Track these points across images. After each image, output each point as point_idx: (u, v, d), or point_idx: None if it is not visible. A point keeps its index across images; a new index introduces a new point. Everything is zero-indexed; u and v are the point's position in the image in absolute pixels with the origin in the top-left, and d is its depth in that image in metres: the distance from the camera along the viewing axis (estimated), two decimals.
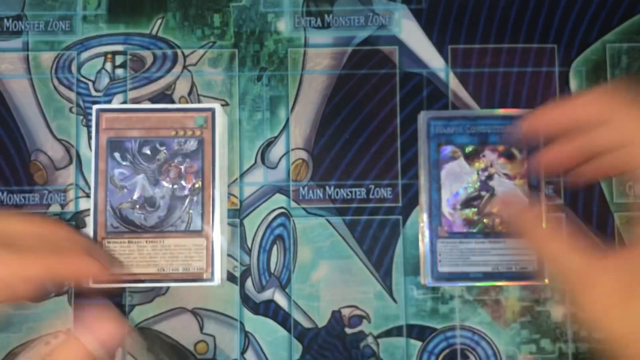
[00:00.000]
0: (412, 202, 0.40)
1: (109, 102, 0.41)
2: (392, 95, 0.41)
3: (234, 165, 0.40)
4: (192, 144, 0.36)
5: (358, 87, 0.41)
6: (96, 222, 0.36)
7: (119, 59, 0.41)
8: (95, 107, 0.37)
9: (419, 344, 0.39)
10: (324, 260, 0.40)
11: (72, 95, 0.41)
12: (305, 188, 0.40)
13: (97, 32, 0.41)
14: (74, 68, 0.41)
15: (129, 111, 0.37)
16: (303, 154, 0.40)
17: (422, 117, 0.38)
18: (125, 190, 0.36)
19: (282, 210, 0.40)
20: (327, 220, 0.40)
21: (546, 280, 0.37)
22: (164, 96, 0.41)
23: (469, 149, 0.37)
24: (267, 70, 0.41)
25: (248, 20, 0.41)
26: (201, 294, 0.39)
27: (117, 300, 0.39)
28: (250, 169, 0.40)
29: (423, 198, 0.37)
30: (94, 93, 0.41)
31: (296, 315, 0.39)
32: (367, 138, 0.40)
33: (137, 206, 0.36)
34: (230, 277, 0.40)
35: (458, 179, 0.37)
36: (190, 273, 0.36)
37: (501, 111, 0.38)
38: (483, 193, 0.37)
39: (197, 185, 0.36)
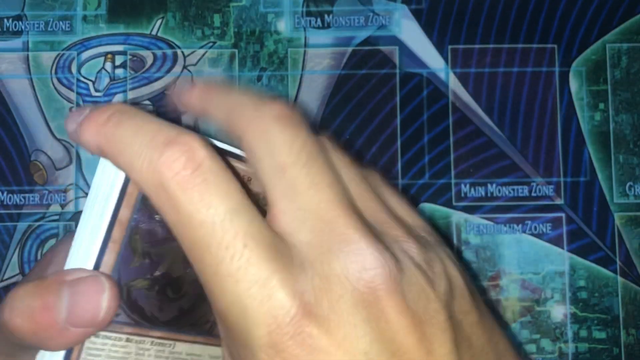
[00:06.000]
0: (412, 203, 0.40)
1: (109, 101, 0.41)
2: (392, 95, 0.41)
3: None
4: None
5: (358, 87, 0.41)
6: None
7: (119, 59, 0.41)
8: None
9: None
10: None
11: (72, 95, 0.41)
12: None
13: (97, 32, 0.41)
14: (74, 68, 0.41)
15: None
16: None
17: None
18: (148, 260, 0.21)
19: None
20: None
21: None
22: (164, 96, 0.41)
23: None
24: (267, 70, 0.41)
25: (248, 20, 0.41)
26: None
27: None
28: None
29: None
30: (94, 93, 0.41)
31: None
32: (367, 138, 0.40)
33: (157, 288, 0.22)
34: None
35: None
36: None
37: None
38: None
39: None
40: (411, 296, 0.17)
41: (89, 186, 0.40)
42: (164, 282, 0.22)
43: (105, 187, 0.19)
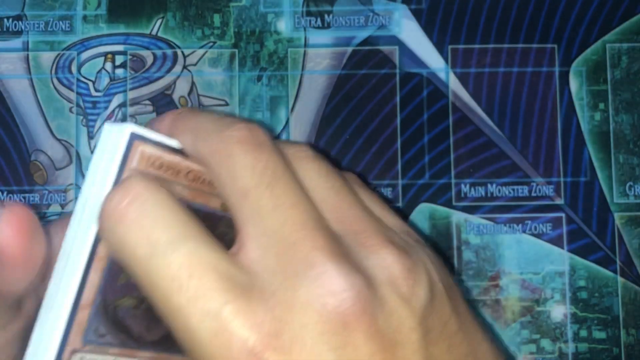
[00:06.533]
0: (412, 203, 0.40)
1: (109, 101, 0.41)
2: (392, 95, 0.41)
3: None
4: None
5: (358, 87, 0.41)
6: (71, 322, 0.19)
7: (119, 59, 0.41)
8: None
9: None
10: None
11: (72, 95, 0.41)
12: None
13: (97, 32, 0.41)
14: (74, 68, 0.41)
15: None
16: None
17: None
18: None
19: None
20: None
21: None
22: (164, 96, 0.41)
23: None
24: (267, 70, 0.41)
25: (248, 20, 0.41)
26: None
27: None
28: None
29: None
30: (94, 93, 0.41)
31: None
32: (367, 138, 0.40)
33: (144, 306, 0.20)
34: None
35: None
36: None
37: None
38: None
39: None
40: (383, 317, 0.16)
41: None
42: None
43: (91, 202, 0.19)
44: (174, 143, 0.19)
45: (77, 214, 0.19)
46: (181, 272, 0.16)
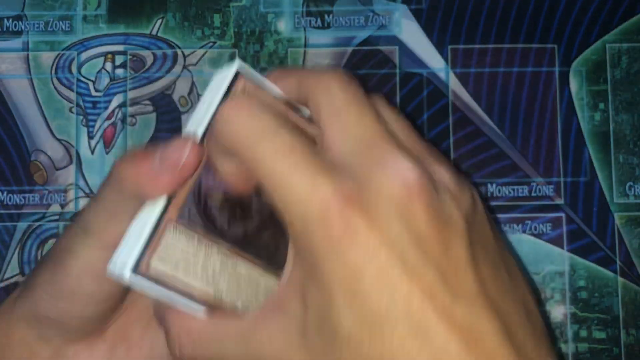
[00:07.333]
0: None
1: (109, 101, 0.41)
2: (392, 95, 0.41)
3: None
4: None
5: None
6: (173, 195, 0.23)
7: (119, 59, 0.41)
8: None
9: None
10: None
11: (72, 95, 0.41)
12: None
13: (97, 32, 0.41)
14: (74, 68, 0.41)
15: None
16: None
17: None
18: None
19: None
20: None
21: None
22: (164, 96, 0.41)
23: None
24: (267, 70, 0.41)
25: (248, 20, 0.41)
26: None
27: None
28: None
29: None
30: (94, 93, 0.41)
31: None
32: None
33: (228, 204, 0.24)
34: None
35: None
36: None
37: None
38: None
39: None
40: (438, 201, 0.21)
41: (89, 186, 0.40)
42: (235, 200, 0.25)
43: (200, 111, 0.24)
44: (270, 84, 0.24)
45: (191, 121, 0.24)
46: (284, 147, 0.21)
